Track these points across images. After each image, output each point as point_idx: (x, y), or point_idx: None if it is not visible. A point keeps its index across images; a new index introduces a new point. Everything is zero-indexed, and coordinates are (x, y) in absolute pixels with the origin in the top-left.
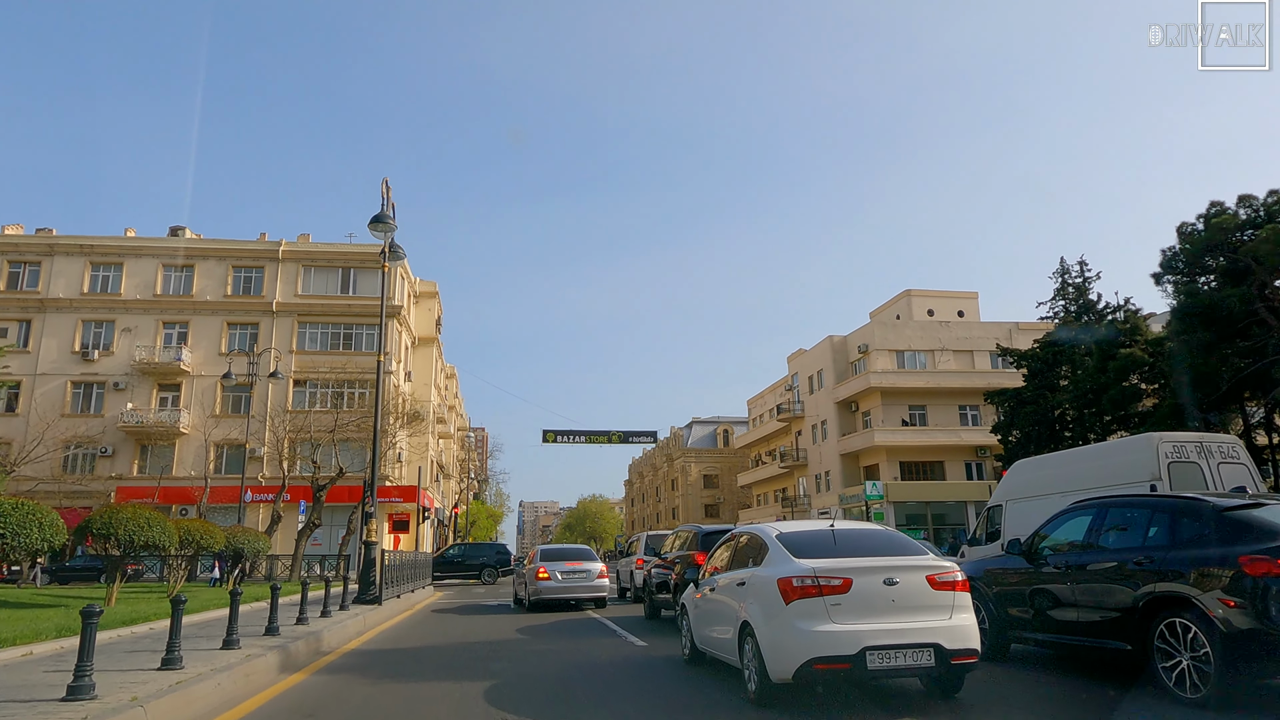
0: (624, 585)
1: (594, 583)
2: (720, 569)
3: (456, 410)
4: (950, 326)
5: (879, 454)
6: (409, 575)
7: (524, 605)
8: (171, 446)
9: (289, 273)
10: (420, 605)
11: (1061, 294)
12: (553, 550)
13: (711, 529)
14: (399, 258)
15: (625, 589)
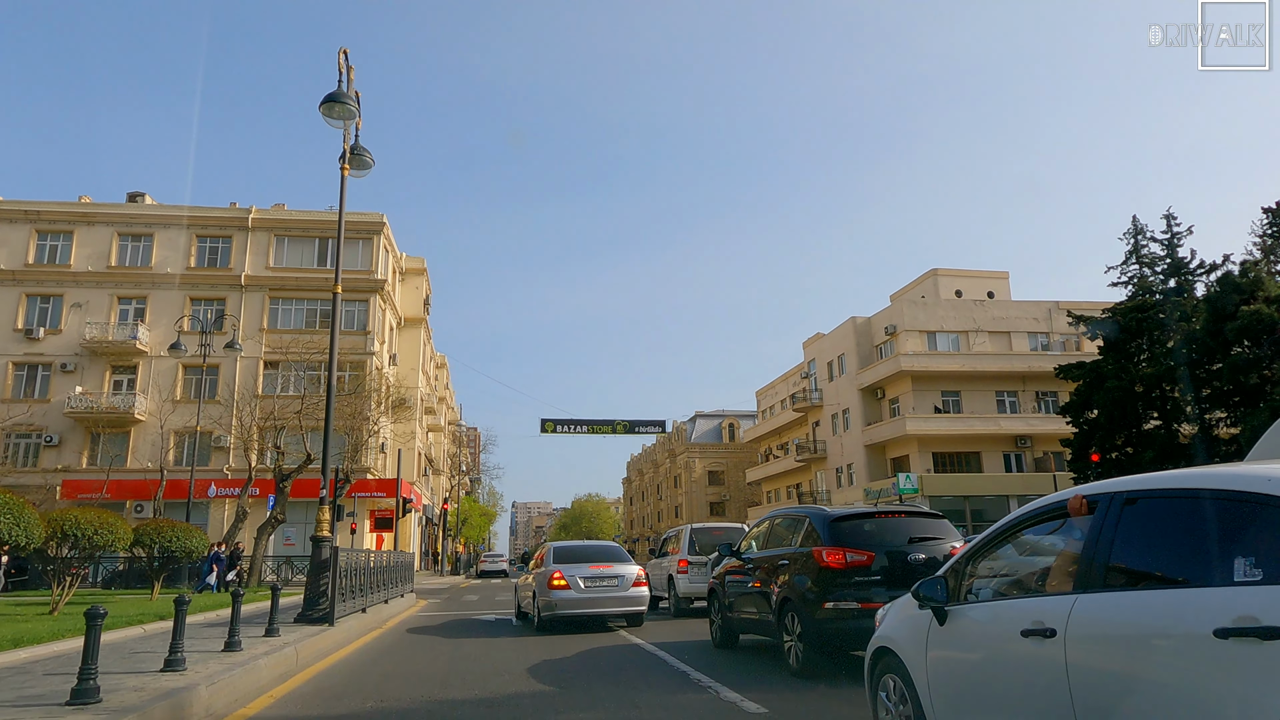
0: (654, 593)
1: (628, 592)
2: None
3: (448, 403)
4: (984, 306)
5: (909, 444)
6: (382, 581)
7: (531, 623)
8: (126, 435)
9: (260, 243)
10: (394, 621)
11: (1135, 256)
12: (570, 549)
13: (849, 512)
14: (365, 165)
15: (658, 597)
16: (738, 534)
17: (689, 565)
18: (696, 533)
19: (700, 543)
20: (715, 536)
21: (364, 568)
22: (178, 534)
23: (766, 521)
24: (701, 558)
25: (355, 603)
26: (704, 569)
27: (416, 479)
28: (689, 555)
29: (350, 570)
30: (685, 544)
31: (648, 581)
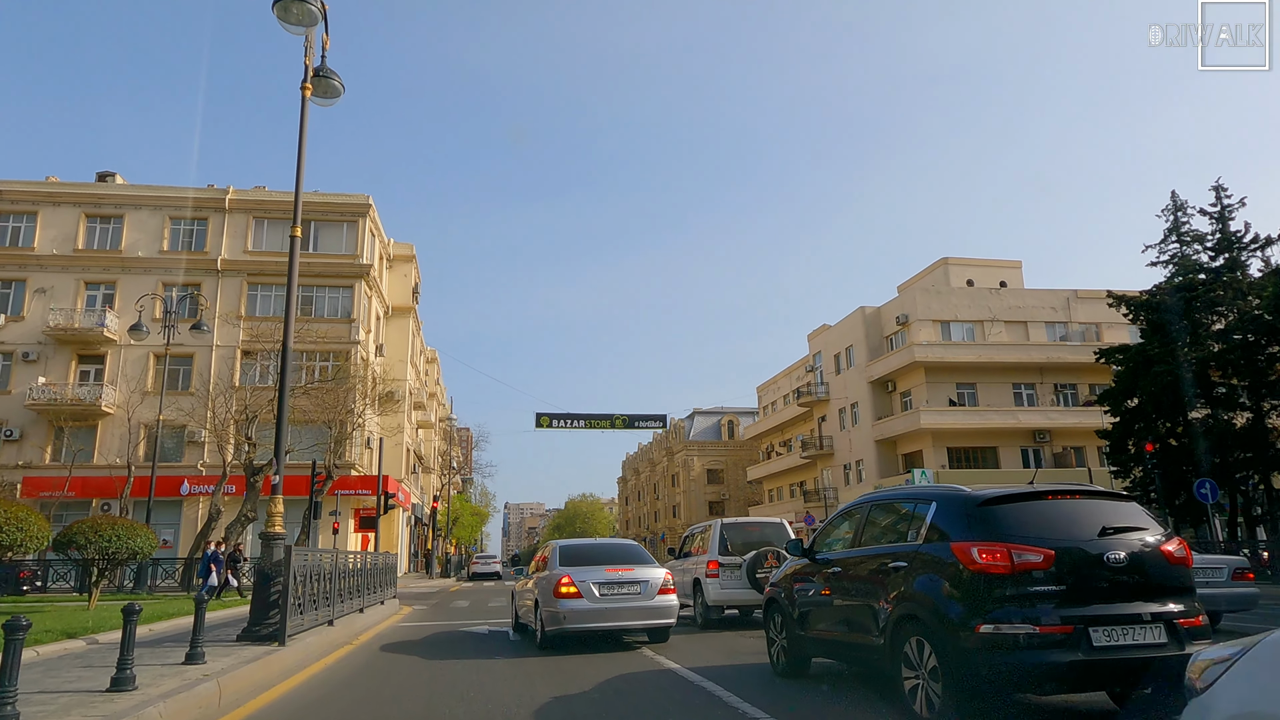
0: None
1: (653, 601)
2: None
3: (439, 399)
4: (1000, 295)
5: (923, 439)
6: (358, 587)
7: (533, 639)
8: (93, 429)
9: (238, 226)
10: (368, 635)
11: (1175, 234)
12: (581, 548)
13: (1005, 492)
14: (333, 91)
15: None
16: (777, 530)
17: (720, 568)
18: (728, 529)
19: (733, 541)
20: (751, 533)
21: (333, 571)
22: (120, 533)
23: (856, 511)
24: (734, 558)
25: (319, 614)
26: (737, 572)
27: (405, 476)
28: (719, 556)
29: (313, 575)
30: (715, 542)
31: (675, 589)
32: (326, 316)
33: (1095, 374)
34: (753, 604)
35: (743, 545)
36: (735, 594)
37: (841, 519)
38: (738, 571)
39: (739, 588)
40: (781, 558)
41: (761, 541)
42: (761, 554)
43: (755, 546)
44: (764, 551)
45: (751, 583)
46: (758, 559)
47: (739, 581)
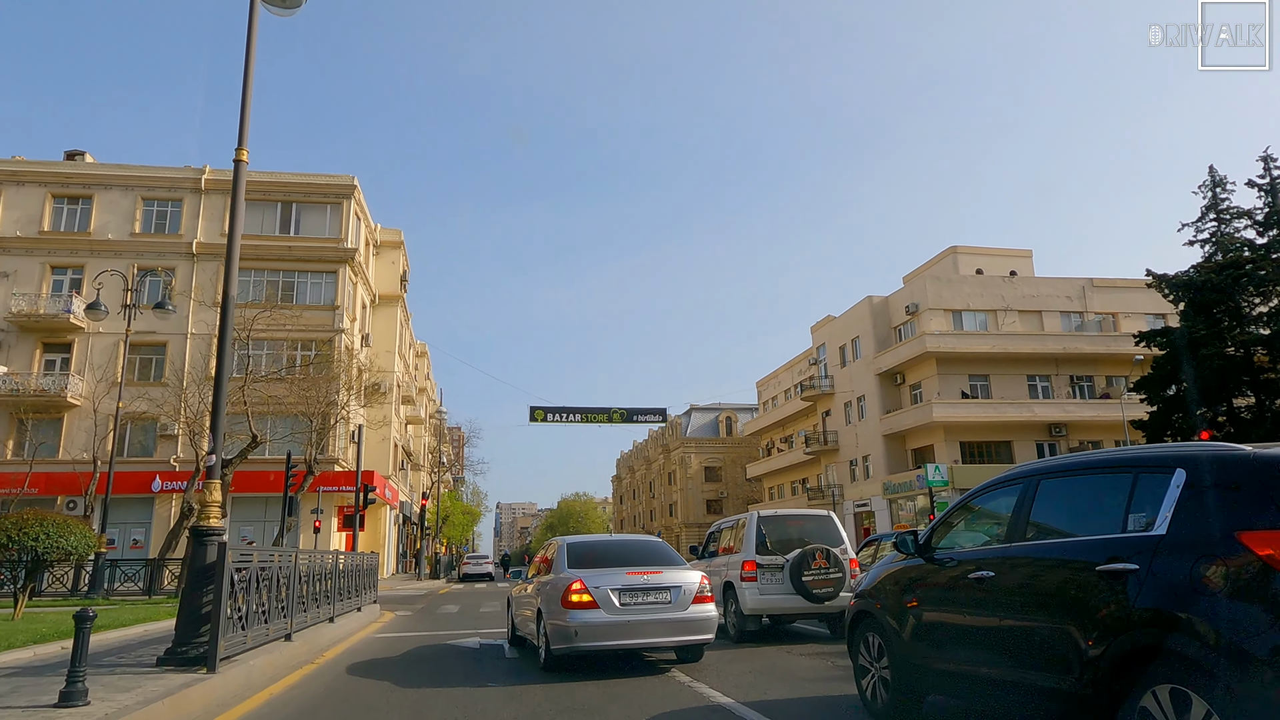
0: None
1: (686, 613)
2: None
3: (429, 394)
4: (1014, 283)
5: (935, 433)
6: (328, 592)
7: (535, 656)
8: (58, 421)
9: (214, 207)
10: (336, 651)
11: (1214, 210)
12: (594, 546)
13: None
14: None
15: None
16: (823, 525)
17: (758, 569)
18: (766, 523)
19: (773, 537)
20: (792, 528)
21: (293, 575)
22: (49, 530)
23: (1009, 489)
24: (775, 558)
25: (272, 627)
26: (778, 574)
27: (392, 473)
28: (757, 555)
29: (261, 579)
30: (750, 539)
31: (713, 596)
32: (309, 303)
33: (1113, 365)
34: (797, 612)
35: (783, 542)
36: (776, 600)
37: (986, 499)
38: (779, 573)
39: (781, 593)
40: (831, 557)
41: (804, 537)
42: (808, 552)
43: (797, 543)
44: (811, 549)
45: (797, 587)
46: (803, 558)
47: (781, 585)
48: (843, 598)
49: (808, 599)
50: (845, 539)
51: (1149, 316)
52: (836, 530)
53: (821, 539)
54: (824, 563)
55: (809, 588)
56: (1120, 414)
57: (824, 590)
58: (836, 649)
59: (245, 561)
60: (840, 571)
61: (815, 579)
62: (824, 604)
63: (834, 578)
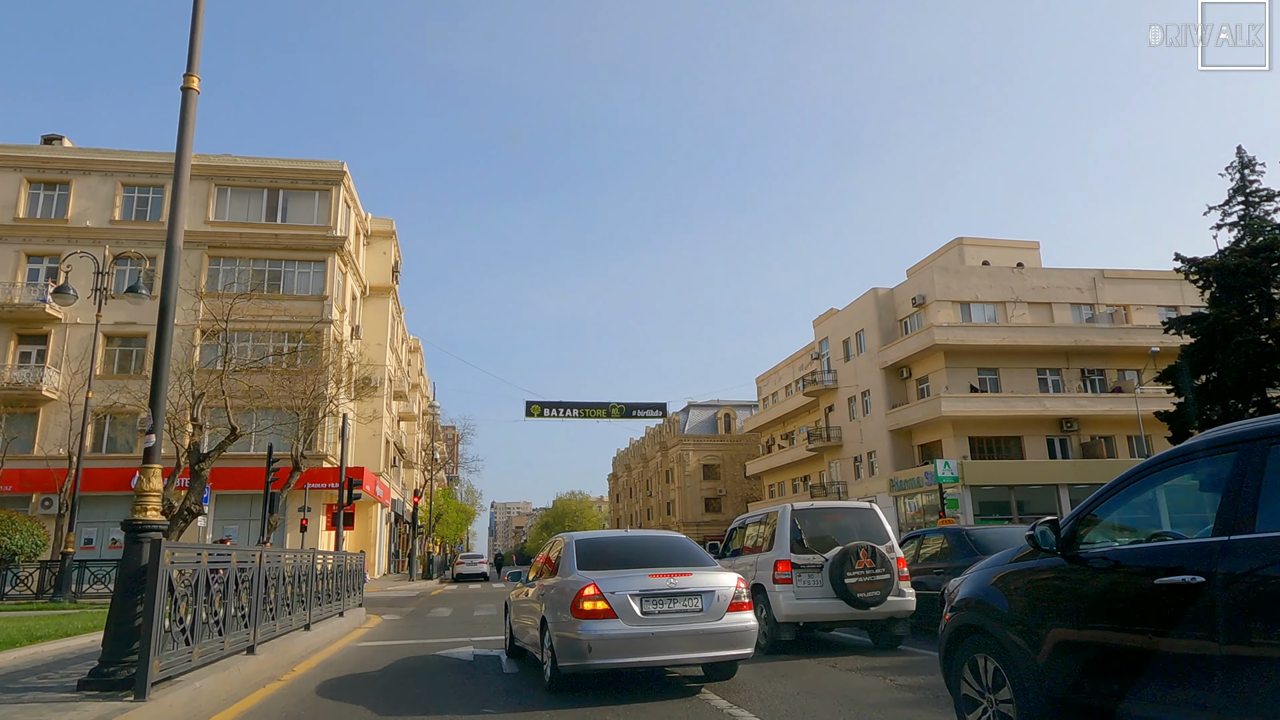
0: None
1: (722, 624)
2: None
3: (422, 390)
4: (1023, 274)
5: (943, 428)
6: (303, 596)
7: (539, 672)
8: (33, 415)
9: (198, 194)
10: (307, 666)
11: (1242, 193)
12: (607, 544)
13: None
14: None
15: None
16: (867, 519)
17: (793, 570)
18: (801, 517)
19: (810, 533)
20: (830, 523)
21: (258, 577)
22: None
23: (1182, 467)
24: (812, 557)
25: (230, 639)
26: (817, 575)
27: (384, 470)
28: (792, 554)
29: (218, 583)
30: (783, 535)
31: (751, 603)
32: (296, 294)
33: (1125, 358)
34: (838, 619)
35: (820, 538)
36: (815, 605)
37: (1162, 477)
38: (817, 575)
39: (819, 597)
40: (877, 555)
41: (844, 533)
42: (851, 550)
43: (836, 540)
44: (853, 547)
45: (838, 590)
46: (845, 557)
47: (819, 588)
48: (890, 602)
49: (850, 604)
50: (891, 535)
51: (1161, 309)
52: (881, 525)
53: (863, 535)
54: (869, 562)
55: (852, 591)
56: (1135, 408)
57: (870, 594)
58: (886, 662)
59: (190, 562)
60: (887, 572)
61: (859, 581)
62: (869, 609)
63: (880, 579)
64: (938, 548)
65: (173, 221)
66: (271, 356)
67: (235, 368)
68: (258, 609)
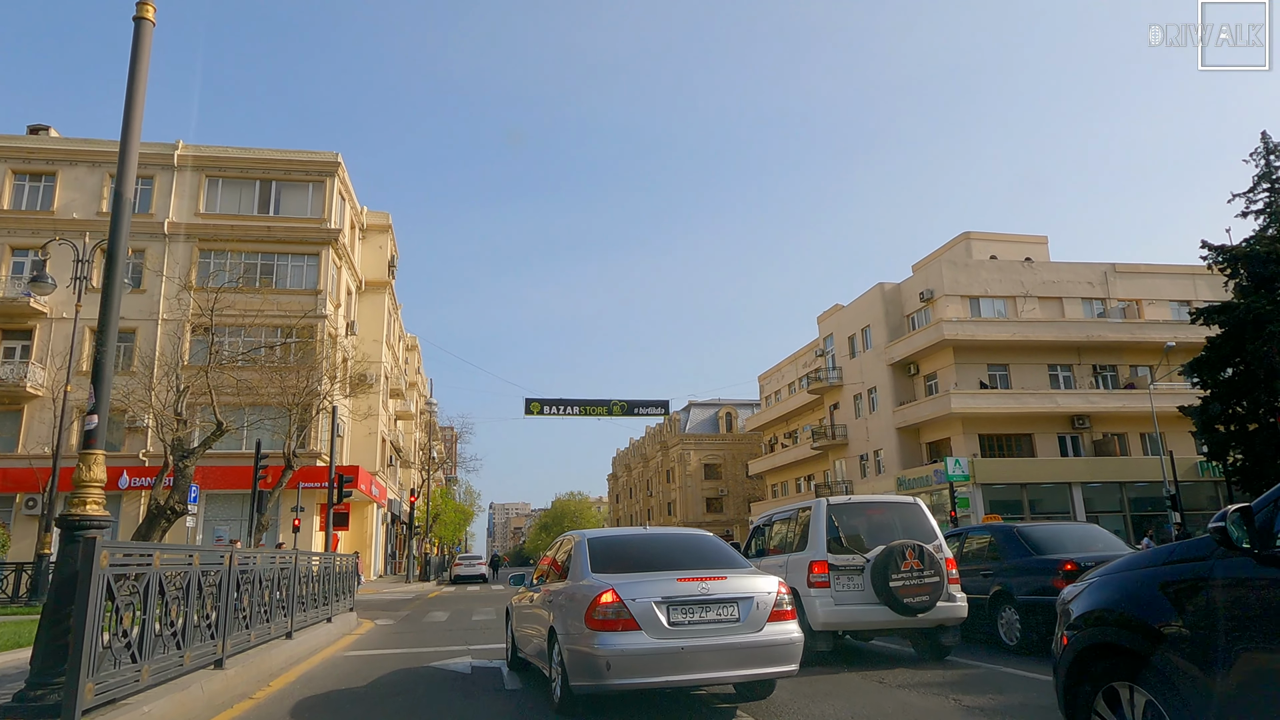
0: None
1: (762, 635)
2: None
3: (419, 389)
4: (1033, 269)
5: (952, 425)
6: (288, 600)
7: (547, 690)
8: (16, 413)
9: (188, 185)
10: (283, 680)
11: (1267, 179)
12: (625, 544)
13: None
14: None
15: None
16: (911, 515)
17: (830, 571)
18: (839, 512)
19: (849, 531)
20: (871, 519)
21: (225, 581)
22: None
23: None
24: (852, 557)
25: (191, 653)
26: (857, 577)
27: (381, 469)
28: (829, 554)
29: (176, 589)
30: (819, 533)
31: (794, 610)
32: (289, 287)
33: (1137, 354)
34: (882, 627)
35: (860, 536)
36: (856, 612)
37: None
38: (858, 577)
39: (861, 602)
40: (925, 555)
41: (885, 530)
42: (897, 550)
43: (879, 538)
44: (899, 546)
45: (882, 594)
46: (890, 558)
47: (860, 592)
48: (940, 608)
49: (896, 610)
50: (938, 533)
51: (1174, 303)
52: (927, 521)
53: (907, 532)
54: (916, 562)
55: (898, 595)
56: (1149, 404)
57: (918, 599)
58: (940, 676)
59: (139, 565)
60: (936, 574)
61: (906, 584)
62: (916, 616)
63: (929, 581)
64: (983, 547)
65: (121, 170)
66: (263, 348)
67: (223, 360)
68: (227, 617)
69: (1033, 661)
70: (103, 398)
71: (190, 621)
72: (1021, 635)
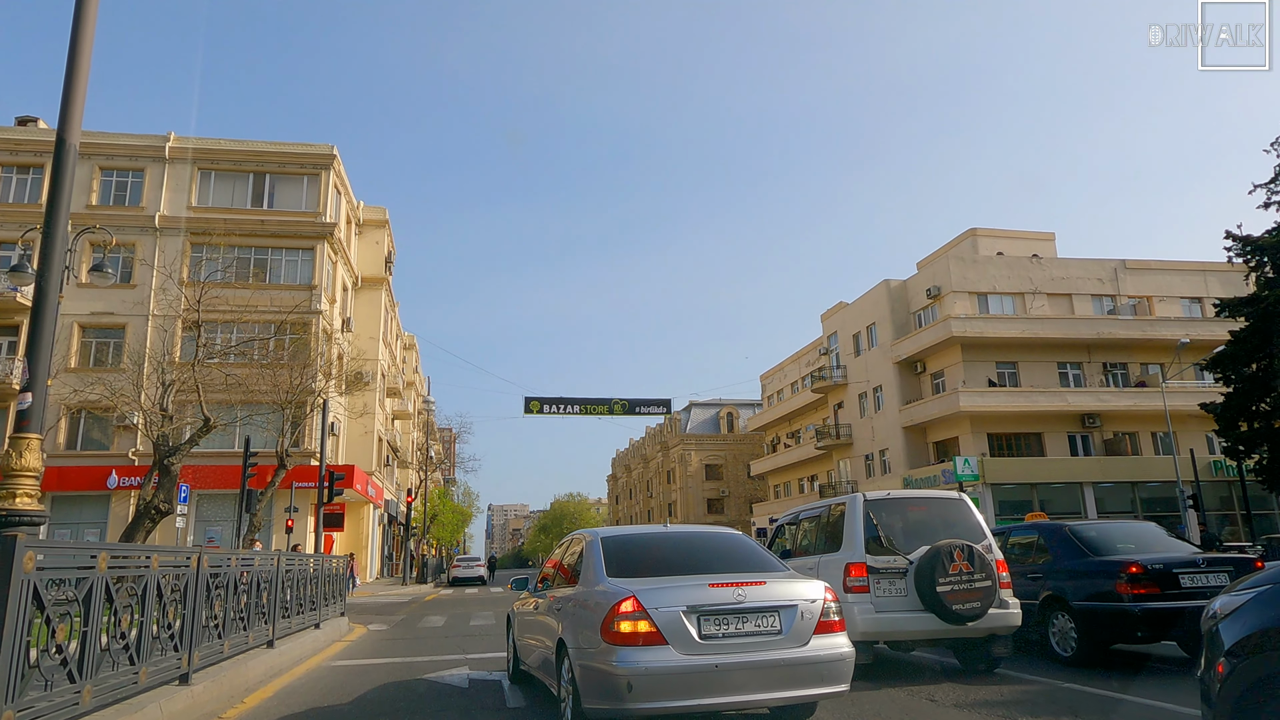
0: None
1: (807, 650)
2: None
3: (416, 388)
4: (1042, 265)
5: (960, 424)
6: (270, 606)
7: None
8: (4, 411)
9: (179, 178)
10: (260, 696)
11: None
12: (645, 544)
13: None
14: None
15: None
16: (956, 512)
17: (870, 575)
18: (878, 509)
19: (890, 529)
20: (915, 516)
21: (193, 585)
22: None
23: None
24: (894, 559)
25: (147, 669)
26: (900, 581)
27: (377, 469)
28: (869, 556)
29: (129, 594)
30: (856, 532)
31: (844, 620)
32: (283, 283)
33: (1148, 352)
34: (928, 637)
35: (900, 535)
36: (899, 620)
37: None
38: (900, 581)
39: (904, 609)
40: (975, 557)
41: (926, 529)
42: (944, 550)
43: (921, 537)
44: (946, 546)
45: (927, 600)
46: (937, 560)
47: (904, 599)
48: (992, 615)
49: (944, 618)
50: (987, 531)
51: (1184, 300)
52: (974, 518)
53: (950, 531)
54: (965, 565)
55: (946, 601)
56: (1161, 403)
57: (968, 605)
58: (994, 693)
59: (79, 568)
60: (988, 578)
61: (955, 589)
62: (966, 624)
63: (980, 586)
64: (1029, 547)
65: (65, 112)
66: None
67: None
68: (195, 626)
69: (1096, 677)
70: (38, 374)
71: (148, 632)
72: (1078, 646)
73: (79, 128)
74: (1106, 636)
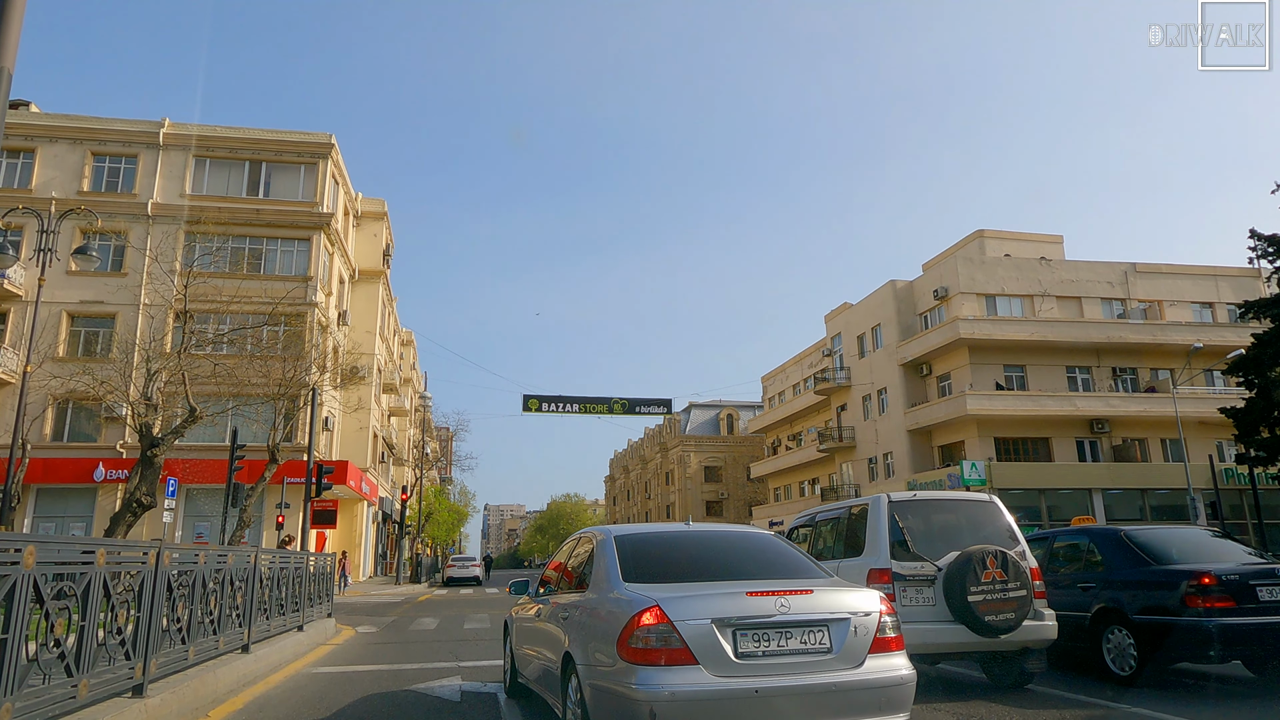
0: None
1: (859, 674)
2: None
3: (414, 385)
4: (1050, 267)
5: (967, 428)
6: (246, 607)
7: None
8: None
9: (174, 164)
10: (229, 708)
11: None
12: (667, 545)
13: None
14: None
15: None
16: (987, 514)
17: (895, 582)
18: (902, 511)
19: (916, 533)
20: (942, 519)
21: (153, 586)
22: None
23: None
24: (922, 565)
25: (90, 680)
26: (928, 589)
27: (372, 465)
28: (894, 562)
29: (64, 597)
30: (880, 536)
31: (902, 637)
32: (278, 273)
33: (1158, 356)
34: (959, 650)
35: (927, 539)
36: (928, 631)
37: None
38: (928, 589)
39: (933, 620)
40: (1009, 564)
41: (954, 533)
42: (976, 556)
43: (949, 542)
44: (978, 553)
45: (958, 611)
46: (969, 567)
47: (933, 609)
48: (1026, 627)
49: (975, 629)
50: (1020, 537)
51: (1195, 305)
52: (1006, 523)
53: (978, 535)
54: (999, 573)
55: (978, 611)
56: (1171, 409)
57: (1001, 616)
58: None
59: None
60: (1023, 587)
61: (988, 599)
62: (999, 637)
63: (1014, 596)
64: (1078, 554)
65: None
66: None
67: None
68: (153, 631)
69: (1153, 699)
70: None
71: (92, 638)
72: (1138, 664)
73: (14, 54)
74: (1173, 654)
